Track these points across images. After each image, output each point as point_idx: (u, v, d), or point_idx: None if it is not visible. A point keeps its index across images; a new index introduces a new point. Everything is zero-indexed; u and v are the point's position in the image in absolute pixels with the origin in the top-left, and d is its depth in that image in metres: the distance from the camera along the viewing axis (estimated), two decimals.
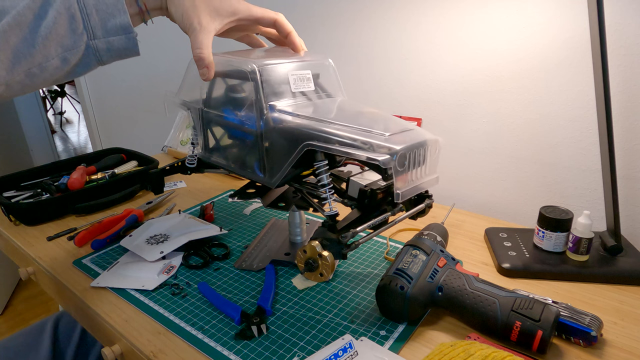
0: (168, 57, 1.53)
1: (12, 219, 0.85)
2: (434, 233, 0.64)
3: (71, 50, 0.48)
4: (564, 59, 0.73)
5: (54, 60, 0.48)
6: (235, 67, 0.59)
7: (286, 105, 0.58)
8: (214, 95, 0.65)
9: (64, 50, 0.48)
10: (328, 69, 0.66)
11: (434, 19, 0.85)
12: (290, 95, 0.60)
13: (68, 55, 0.49)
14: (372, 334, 0.53)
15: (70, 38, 0.48)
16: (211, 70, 0.56)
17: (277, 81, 0.59)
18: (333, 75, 0.66)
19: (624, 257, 0.64)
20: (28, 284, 2.11)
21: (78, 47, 0.49)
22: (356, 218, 0.57)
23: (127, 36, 0.51)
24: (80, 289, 0.64)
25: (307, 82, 0.62)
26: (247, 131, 0.60)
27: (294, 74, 0.60)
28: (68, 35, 0.48)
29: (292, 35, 0.63)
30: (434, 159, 0.56)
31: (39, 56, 0.47)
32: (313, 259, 0.56)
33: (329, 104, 0.62)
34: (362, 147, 0.51)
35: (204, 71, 0.55)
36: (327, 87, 0.66)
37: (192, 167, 0.73)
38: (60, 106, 5.37)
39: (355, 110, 0.61)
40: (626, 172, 0.72)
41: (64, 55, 0.48)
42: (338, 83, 0.67)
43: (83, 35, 0.48)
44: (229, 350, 0.51)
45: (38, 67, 0.47)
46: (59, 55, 0.48)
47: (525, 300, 0.50)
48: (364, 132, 0.53)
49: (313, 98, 0.63)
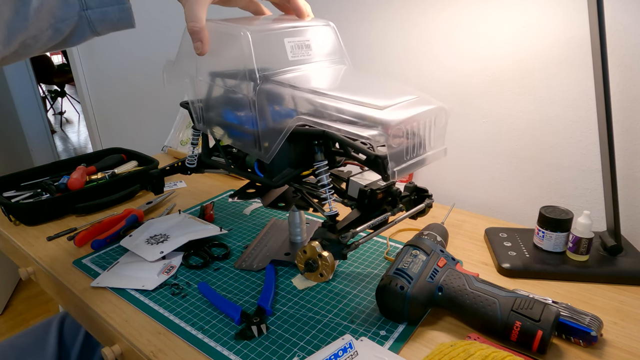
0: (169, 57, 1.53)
1: (12, 219, 0.85)
2: (434, 233, 0.64)
3: (64, 20, 0.48)
4: (564, 60, 0.73)
5: (48, 32, 0.47)
6: (226, 34, 0.55)
7: (281, 75, 0.54)
8: (208, 69, 0.61)
9: (56, 21, 0.47)
10: (330, 34, 0.61)
11: (433, 19, 0.85)
12: (287, 64, 0.55)
13: (61, 26, 0.48)
14: (372, 334, 0.53)
15: (62, 9, 0.47)
16: (205, 45, 0.52)
17: (272, 49, 0.54)
18: (336, 41, 0.62)
19: (624, 257, 0.64)
20: (28, 284, 2.11)
21: (71, 17, 0.48)
22: (356, 218, 0.57)
23: (121, 6, 0.50)
24: (80, 289, 0.64)
25: (306, 49, 0.57)
26: (241, 104, 0.57)
27: (291, 41, 0.56)
28: (60, 6, 0.47)
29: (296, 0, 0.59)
30: (440, 129, 0.52)
31: (32, 28, 0.46)
32: (313, 259, 0.56)
33: (329, 73, 0.58)
34: (355, 121, 0.47)
35: (197, 45, 0.53)
36: (330, 54, 0.61)
37: (192, 167, 0.73)
38: (60, 106, 5.37)
39: (357, 79, 0.57)
40: (626, 172, 0.72)
41: (57, 25, 0.48)
42: (341, 49, 0.62)
43: (75, 6, 0.48)
44: (229, 350, 0.51)
45: (32, 39, 0.47)
46: (52, 26, 0.47)
47: (525, 300, 0.50)
48: (359, 105, 0.49)
49: (312, 67, 0.58)
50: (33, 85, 2.65)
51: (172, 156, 1.24)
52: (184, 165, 0.74)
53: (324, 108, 0.50)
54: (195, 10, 0.51)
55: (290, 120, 0.52)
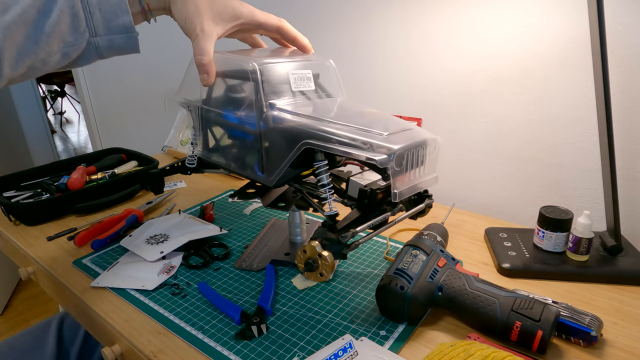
0: (169, 57, 1.53)
1: (12, 219, 0.85)
2: (434, 233, 0.64)
3: (73, 46, 0.49)
4: (564, 60, 0.73)
5: (56, 56, 0.49)
6: (235, 66, 0.59)
7: (286, 104, 0.58)
8: (215, 95, 0.65)
9: (65, 46, 0.49)
10: (329, 69, 0.66)
11: (433, 19, 0.85)
12: (290, 94, 0.60)
13: (69, 51, 0.49)
14: (372, 334, 0.53)
15: (72, 35, 0.48)
16: (211, 77, 0.56)
17: (278, 80, 0.59)
18: (334, 76, 0.66)
19: (624, 257, 0.64)
20: (28, 284, 2.11)
21: (80, 43, 0.49)
22: (356, 218, 0.57)
23: (129, 35, 0.51)
24: (80, 289, 0.64)
25: (308, 81, 0.62)
26: (247, 131, 0.60)
27: (294, 73, 0.60)
28: (70, 32, 0.48)
29: (299, 39, 0.64)
30: (433, 159, 0.56)
31: (42, 53, 0.47)
32: (313, 259, 0.56)
33: (329, 103, 0.62)
34: (360, 146, 0.51)
35: (204, 77, 0.56)
36: (328, 87, 0.65)
37: (192, 167, 0.73)
38: (60, 106, 5.37)
39: (355, 109, 0.61)
40: (626, 172, 0.72)
41: (66, 50, 0.49)
42: (339, 83, 0.67)
43: (85, 33, 0.49)
44: (229, 350, 0.51)
45: (41, 62, 0.48)
46: (60, 51, 0.49)
47: (525, 300, 0.50)
48: (363, 131, 0.53)
49: (313, 97, 0.63)
50: (33, 85, 2.65)
51: (172, 156, 1.25)
52: (184, 165, 0.74)
53: (330, 134, 0.53)
54: (203, 45, 0.54)
55: (297, 146, 0.55)
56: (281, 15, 0.63)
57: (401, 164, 0.51)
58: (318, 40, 1.05)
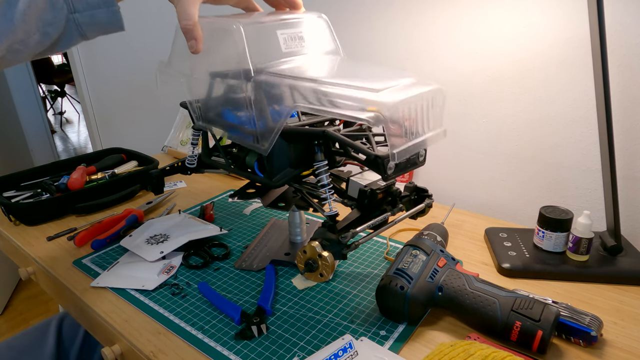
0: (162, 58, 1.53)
1: (12, 219, 0.85)
2: (434, 233, 0.64)
3: (52, 24, 0.48)
4: (564, 60, 0.73)
5: (35, 36, 0.47)
6: (218, 28, 0.55)
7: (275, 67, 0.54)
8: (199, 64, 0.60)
9: (44, 24, 0.47)
10: (322, 25, 0.61)
11: (433, 19, 0.85)
12: (280, 56, 0.55)
13: (49, 30, 0.48)
14: (372, 334, 0.53)
15: (50, 12, 0.47)
16: (199, 42, 0.52)
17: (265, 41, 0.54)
18: (329, 33, 0.62)
19: (624, 257, 0.64)
20: (28, 284, 2.11)
21: (59, 21, 0.48)
22: (356, 218, 0.57)
23: (110, 9, 0.50)
24: (80, 289, 0.64)
25: (299, 41, 0.57)
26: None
27: (283, 33, 0.56)
28: (48, 9, 0.47)
29: None
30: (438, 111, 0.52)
31: (19, 32, 0.46)
32: (313, 259, 0.56)
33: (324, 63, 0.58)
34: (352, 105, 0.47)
35: (192, 43, 0.52)
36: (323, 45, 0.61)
37: (192, 167, 0.73)
38: (60, 106, 5.37)
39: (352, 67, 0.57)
40: (626, 172, 0.72)
41: (45, 29, 0.47)
42: (334, 41, 0.62)
43: (63, 9, 0.48)
44: (229, 350, 0.51)
45: (20, 43, 0.47)
46: (39, 30, 0.47)
47: (525, 300, 0.50)
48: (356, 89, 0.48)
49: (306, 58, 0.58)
50: (33, 85, 2.65)
51: (172, 156, 1.24)
52: (184, 165, 0.74)
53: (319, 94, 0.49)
54: (187, 9, 0.50)
55: (287, 109, 0.51)
56: None
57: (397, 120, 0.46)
58: None
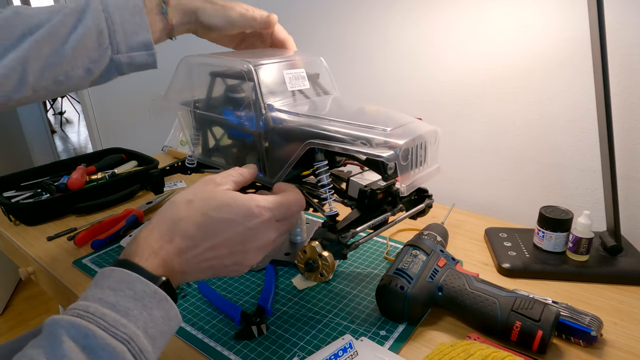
0: (168, 57, 1.53)
1: (12, 219, 0.85)
2: (434, 233, 0.64)
3: (96, 62, 0.53)
4: (564, 60, 0.73)
5: (79, 70, 0.52)
6: (230, 67, 0.59)
7: (284, 104, 0.58)
8: (212, 96, 0.65)
9: (89, 62, 0.52)
10: (320, 67, 0.65)
11: (433, 19, 0.85)
12: (287, 94, 0.59)
13: (92, 67, 0.53)
14: (372, 334, 0.53)
15: (96, 51, 0.52)
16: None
17: (273, 80, 0.58)
18: (326, 73, 0.66)
19: (624, 257, 0.64)
20: (28, 284, 2.11)
21: (103, 60, 0.53)
22: (356, 218, 0.57)
23: (148, 52, 0.56)
24: (81, 289, 0.64)
25: (302, 80, 0.61)
26: (246, 131, 0.60)
27: (289, 73, 0.60)
28: (95, 48, 0.52)
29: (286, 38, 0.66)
30: (435, 150, 0.56)
31: (66, 65, 0.51)
32: (313, 259, 0.56)
33: (325, 101, 0.62)
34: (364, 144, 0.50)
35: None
36: (322, 85, 0.65)
37: (192, 167, 0.73)
38: (60, 106, 5.37)
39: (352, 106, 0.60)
40: (626, 172, 0.72)
41: (89, 66, 0.53)
42: (331, 81, 0.66)
43: (108, 50, 0.53)
44: (229, 350, 0.51)
45: (64, 75, 0.51)
46: (84, 66, 0.52)
47: (525, 300, 0.50)
48: (365, 128, 0.52)
49: (310, 96, 0.62)
50: None
51: (172, 156, 1.24)
52: (184, 165, 0.74)
53: (333, 132, 0.52)
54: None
55: (300, 146, 0.54)
56: (282, 15, 0.64)
57: (407, 158, 0.50)
58: (318, 40, 1.05)
